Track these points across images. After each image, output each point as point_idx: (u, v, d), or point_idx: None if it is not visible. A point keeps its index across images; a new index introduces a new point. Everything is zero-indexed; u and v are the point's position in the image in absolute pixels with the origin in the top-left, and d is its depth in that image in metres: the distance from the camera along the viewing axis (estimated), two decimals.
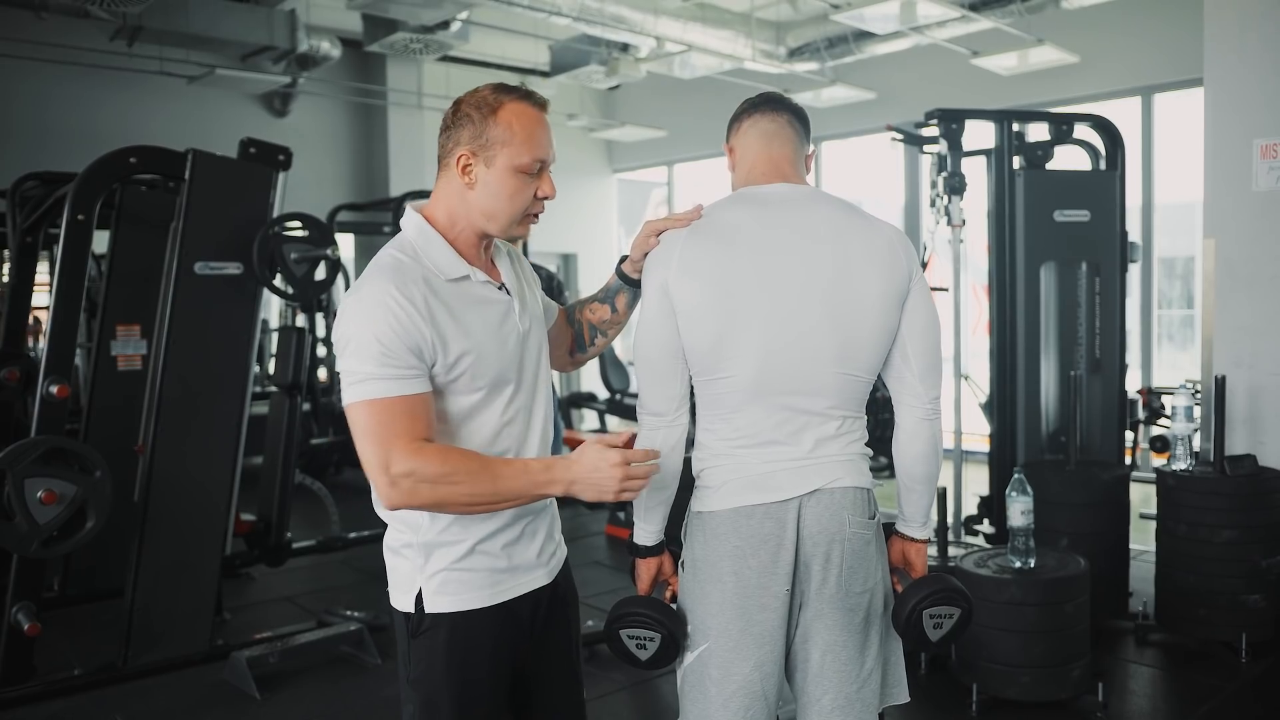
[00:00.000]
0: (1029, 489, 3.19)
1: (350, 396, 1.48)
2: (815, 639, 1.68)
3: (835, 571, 1.66)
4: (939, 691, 3.31)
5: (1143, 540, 4.55)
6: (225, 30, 6.78)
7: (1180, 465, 3.81)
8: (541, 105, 1.58)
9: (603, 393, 8.18)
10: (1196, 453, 3.95)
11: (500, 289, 1.62)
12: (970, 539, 4.39)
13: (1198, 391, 4.24)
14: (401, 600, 1.60)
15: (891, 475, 1.87)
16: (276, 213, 3.88)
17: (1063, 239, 4.28)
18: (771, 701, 1.70)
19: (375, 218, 7.95)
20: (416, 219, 1.59)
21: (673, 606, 1.74)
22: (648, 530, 1.77)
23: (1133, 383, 4.95)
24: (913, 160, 8.16)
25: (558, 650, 1.73)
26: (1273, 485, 3.64)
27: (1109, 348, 4.33)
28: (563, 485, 1.48)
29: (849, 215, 1.71)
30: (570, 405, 8.30)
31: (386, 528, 1.64)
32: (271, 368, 4.72)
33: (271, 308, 7.65)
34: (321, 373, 7.27)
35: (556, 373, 1.92)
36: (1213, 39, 4.19)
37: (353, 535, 4.92)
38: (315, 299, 6.80)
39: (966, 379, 4.49)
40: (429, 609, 1.56)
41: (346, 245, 8.49)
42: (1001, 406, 4.34)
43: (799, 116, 1.81)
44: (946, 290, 4.49)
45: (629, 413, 7.39)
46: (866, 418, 1.77)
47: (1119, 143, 4.44)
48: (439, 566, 1.56)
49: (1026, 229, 4.26)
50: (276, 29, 7.01)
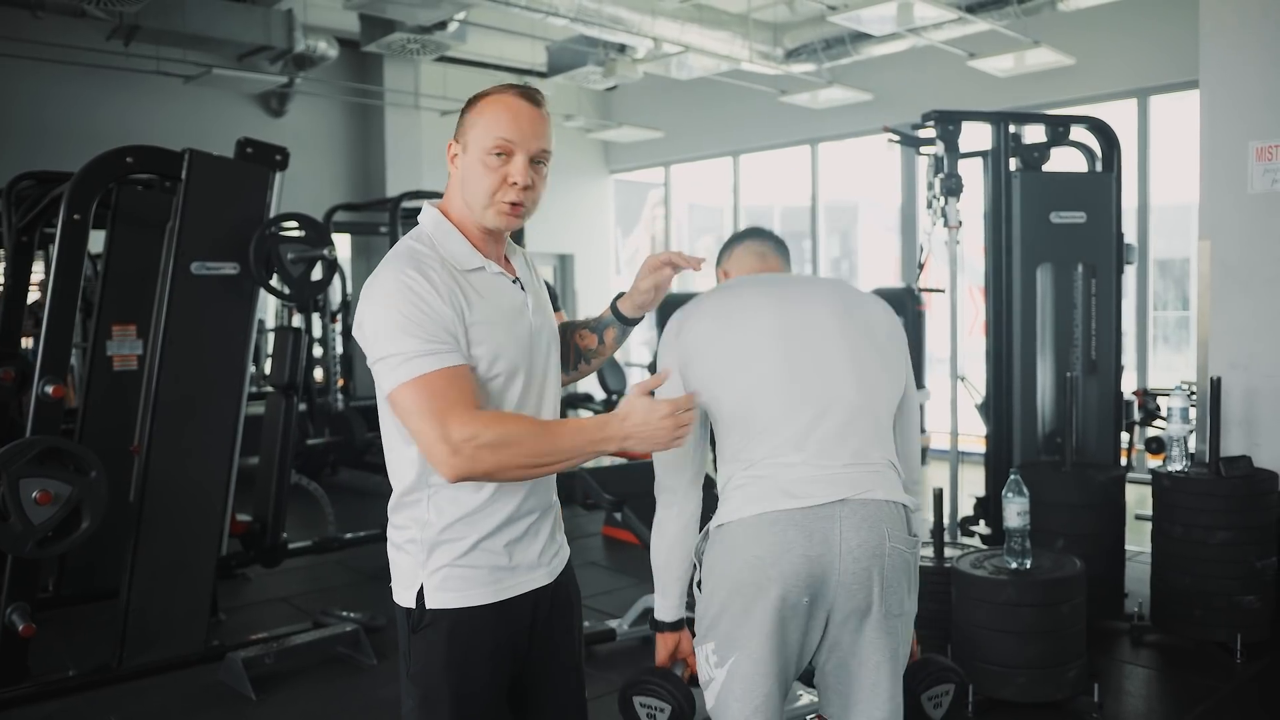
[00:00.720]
0: (1025, 490, 3.19)
1: (393, 382, 1.46)
2: (865, 655, 1.65)
3: (877, 588, 1.62)
4: None
5: (1138, 541, 4.56)
6: (222, 30, 6.77)
7: (1176, 467, 3.81)
8: (528, 96, 1.58)
9: (600, 394, 8.19)
10: (1192, 454, 3.96)
11: (515, 282, 1.63)
12: (966, 540, 4.39)
13: (1193, 393, 4.26)
14: (403, 595, 1.60)
15: None
16: (273, 213, 3.87)
17: (1059, 240, 4.28)
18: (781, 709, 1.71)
19: (372, 218, 7.94)
20: (433, 213, 1.62)
21: (684, 682, 1.82)
22: (667, 606, 1.84)
23: (1128, 384, 4.96)
24: (909, 162, 8.17)
25: (559, 650, 1.72)
26: (1268, 487, 3.65)
27: (1105, 349, 4.34)
28: (617, 441, 1.48)
29: (843, 282, 1.92)
30: (567, 406, 8.29)
31: (384, 528, 1.64)
32: (267, 368, 4.71)
33: (268, 308, 7.64)
34: (318, 373, 7.25)
35: None
36: (1208, 41, 4.21)
37: (349, 536, 4.91)
38: (311, 299, 6.79)
39: (963, 380, 4.49)
40: (430, 605, 1.57)
41: (343, 245, 8.50)
42: (998, 408, 4.35)
43: (784, 245, 2.00)
44: (943, 291, 4.49)
45: None
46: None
47: (1115, 145, 4.45)
48: (441, 562, 1.56)
49: (1023, 230, 4.27)
50: (273, 29, 7.01)
